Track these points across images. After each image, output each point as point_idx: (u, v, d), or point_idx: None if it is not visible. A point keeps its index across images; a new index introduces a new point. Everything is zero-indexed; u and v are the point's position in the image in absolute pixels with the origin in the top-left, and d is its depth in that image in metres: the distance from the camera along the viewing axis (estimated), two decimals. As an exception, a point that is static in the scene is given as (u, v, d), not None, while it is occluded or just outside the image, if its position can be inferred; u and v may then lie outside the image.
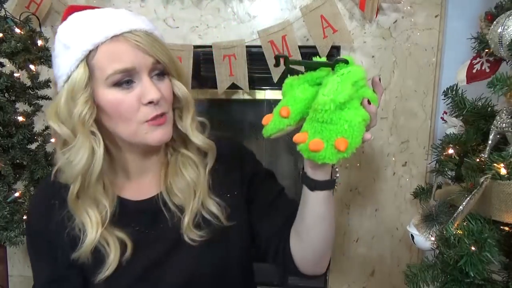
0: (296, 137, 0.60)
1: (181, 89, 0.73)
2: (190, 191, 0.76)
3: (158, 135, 0.70)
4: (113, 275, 0.74)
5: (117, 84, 0.66)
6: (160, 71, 0.70)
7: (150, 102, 0.67)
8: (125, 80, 0.66)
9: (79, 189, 0.71)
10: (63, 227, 0.74)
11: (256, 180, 0.84)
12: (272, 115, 0.66)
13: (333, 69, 0.63)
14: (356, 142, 0.59)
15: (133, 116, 0.68)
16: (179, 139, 0.78)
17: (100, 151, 0.69)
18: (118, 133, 0.71)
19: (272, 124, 0.65)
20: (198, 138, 0.75)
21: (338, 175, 0.71)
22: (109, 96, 0.67)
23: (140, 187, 0.79)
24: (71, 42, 0.66)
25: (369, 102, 0.63)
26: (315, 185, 0.69)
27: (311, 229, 0.73)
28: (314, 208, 0.71)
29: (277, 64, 0.68)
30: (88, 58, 0.66)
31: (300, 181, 0.71)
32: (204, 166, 0.78)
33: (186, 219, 0.75)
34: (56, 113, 0.69)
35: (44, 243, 0.77)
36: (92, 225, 0.72)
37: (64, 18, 0.70)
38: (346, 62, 0.62)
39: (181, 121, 0.75)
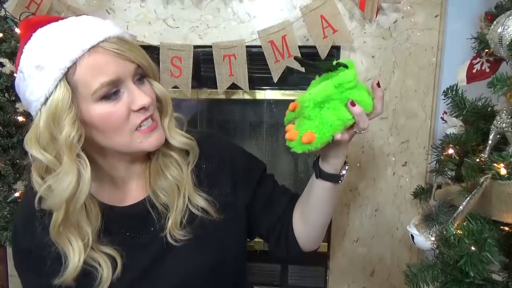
0: (287, 128, 0.68)
1: (159, 89, 0.73)
2: (174, 190, 0.75)
3: (153, 140, 0.70)
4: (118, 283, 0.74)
5: (105, 97, 0.64)
6: (141, 75, 0.69)
7: (141, 108, 0.66)
8: (112, 91, 0.64)
9: (63, 217, 0.67)
10: (48, 243, 0.71)
11: (251, 178, 0.84)
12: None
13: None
14: (323, 138, 0.65)
15: (124, 126, 0.66)
16: None
17: (87, 175, 0.65)
18: (112, 146, 0.69)
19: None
20: (176, 139, 0.74)
21: (344, 172, 0.75)
22: (98, 110, 0.64)
23: (128, 192, 0.78)
24: (44, 62, 0.61)
25: (353, 104, 0.65)
26: (320, 174, 0.75)
27: (314, 211, 0.80)
28: (319, 193, 0.77)
29: (302, 65, 0.74)
30: (67, 76, 0.62)
31: (312, 165, 0.78)
32: (187, 164, 0.78)
33: (171, 220, 0.75)
34: (36, 140, 0.64)
35: (34, 258, 0.75)
36: (75, 253, 0.69)
37: (28, 37, 0.64)
38: (345, 66, 0.66)
39: (161, 121, 0.75)
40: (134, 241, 0.76)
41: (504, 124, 0.88)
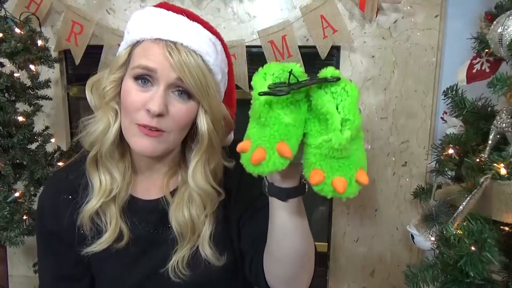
0: (313, 179, 0.51)
1: (202, 124, 0.70)
2: (188, 226, 0.75)
3: (142, 144, 0.68)
4: (123, 269, 0.76)
5: (136, 78, 0.68)
6: (184, 91, 0.68)
7: (148, 111, 0.66)
8: (143, 76, 0.67)
9: (96, 156, 0.74)
10: (73, 222, 0.75)
11: (250, 192, 0.79)
12: (263, 151, 0.51)
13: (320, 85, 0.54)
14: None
15: (131, 113, 0.68)
16: None
17: (115, 126, 0.71)
18: (122, 126, 0.72)
19: (271, 164, 0.51)
20: (194, 180, 0.72)
21: (297, 184, 0.61)
22: (127, 84, 0.69)
23: (149, 185, 0.79)
24: (130, 29, 0.71)
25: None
26: (287, 194, 0.60)
27: (281, 245, 0.66)
28: (284, 221, 0.63)
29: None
30: (133, 47, 0.70)
31: (266, 193, 0.61)
32: (212, 208, 0.76)
33: (175, 257, 0.75)
34: (97, 82, 0.73)
35: (55, 241, 0.77)
36: (99, 191, 0.73)
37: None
38: (337, 79, 0.52)
39: (190, 154, 0.74)
40: (152, 236, 0.77)
41: (504, 124, 0.88)
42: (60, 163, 1.38)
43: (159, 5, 0.73)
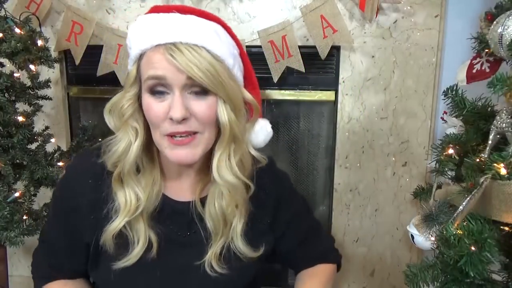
0: None
1: (222, 115, 0.69)
2: (220, 221, 0.75)
3: (177, 155, 0.69)
4: (141, 266, 0.75)
5: (151, 91, 0.67)
6: (200, 90, 0.67)
7: (172, 119, 0.66)
8: (157, 89, 0.67)
9: (120, 174, 0.73)
10: (89, 210, 0.75)
11: (289, 216, 0.87)
12: None
13: None
14: None
15: (158, 126, 0.68)
16: None
17: (135, 144, 0.71)
18: (153, 139, 0.72)
19: None
20: (220, 174, 0.73)
21: None
22: (145, 100, 0.69)
23: (180, 187, 0.79)
24: (130, 44, 0.71)
25: None
26: None
27: None
28: None
29: None
30: (138, 61, 0.70)
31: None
32: (245, 200, 0.77)
33: (211, 250, 0.76)
34: (114, 103, 0.73)
35: (65, 218, 0.78)
36: (125, 210, 0.73)
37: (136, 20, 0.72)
38: None
39: (215, 147, 0.73)
40: (176, 237, 0.78)
41: (504, 124, 0.88)
42: (60, 163, 1.38)
43: (149, 11, 0.72)
